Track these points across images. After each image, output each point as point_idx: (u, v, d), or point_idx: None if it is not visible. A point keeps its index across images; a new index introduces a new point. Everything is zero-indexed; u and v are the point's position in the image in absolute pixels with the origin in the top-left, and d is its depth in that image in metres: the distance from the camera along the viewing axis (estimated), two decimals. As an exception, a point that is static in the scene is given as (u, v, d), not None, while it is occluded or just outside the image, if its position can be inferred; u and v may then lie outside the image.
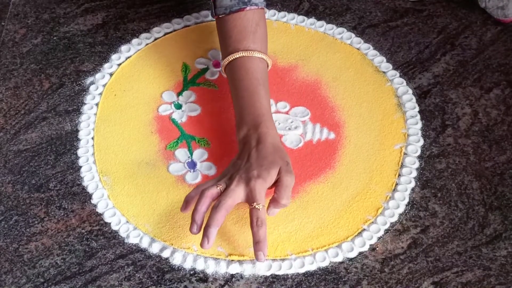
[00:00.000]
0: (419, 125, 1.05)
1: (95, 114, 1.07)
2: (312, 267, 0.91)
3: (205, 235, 0.88)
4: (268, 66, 1.03)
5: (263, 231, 0.88)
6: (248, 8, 1.02)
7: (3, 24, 1.21)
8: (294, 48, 1.16)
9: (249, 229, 0.94)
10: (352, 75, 1.12)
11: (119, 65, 1.14)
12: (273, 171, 0.90)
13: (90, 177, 1.00)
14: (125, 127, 1.06)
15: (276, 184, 0.91)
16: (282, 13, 1.21)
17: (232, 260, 0.91)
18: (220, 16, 1.03)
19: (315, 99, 1.09)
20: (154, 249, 0.92)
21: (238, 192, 0.90)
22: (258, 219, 0.88)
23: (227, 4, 1.02)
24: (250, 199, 0.89)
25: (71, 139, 1.04)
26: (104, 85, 1.11)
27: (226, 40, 1.02)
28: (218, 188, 0.91)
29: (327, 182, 0.99)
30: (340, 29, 1.19)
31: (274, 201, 0.91)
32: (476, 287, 0.88)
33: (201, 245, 0.89)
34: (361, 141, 1.04)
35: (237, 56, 1.00)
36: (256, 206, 0.88)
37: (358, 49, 1.16)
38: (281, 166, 0.91)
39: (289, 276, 0.90)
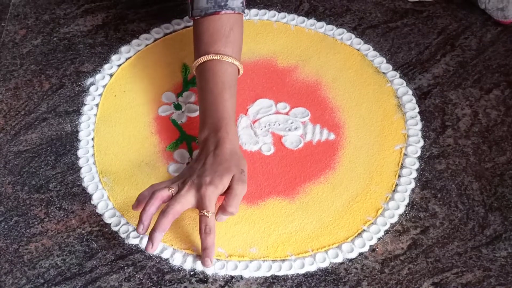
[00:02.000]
0: (419, 126, 1.06)
1: (95, 115, 1.08)
2: (312, 268, 0.91)
3: (150, 239, 0.89)
4: (239, 71, 1.02)
5: (211, 239, 0.89)
6: (223, 12, 1.02)
7: (3, 25, 1.21)
8: (294, 49, 1.16)
9: (250, 230, 0.94)
10: (352, 76, 1.12)
11: (119, 66, 1.14)
12: (226, 178, 0.90)
13: (90, 178, 1.00)
14: (125, 128, 1.06)
15: (227, 191, 0.91)
16: (282, 14, 1.21)
17: (232, 261, 0.91)
18: (195, 18, 1.03)
19: (315, 100, 1.09)
20: (154, 250, 0.92)
21: (188, 198, 0.90)
22: (207, 227, 0.89)
23: (203, 7, 1.02)
24: (200, 206, 0.89)
25: (71, 140, 1.04)
26: (104, 86, 1.11)
27: (199, 42, 1.02)
28: (170, 191, 0.91)
29: (327, 183, 0.99)
30: (340, 30, 1.19)
31: (221, 208, 0.91)
32: (476, 288, 0.89)
33: (146, 248, 0.89)
34: (361, 142, 1.04)
35: (207, 59, 1.00)
36: (205, 214, 0.89)
37: (358, 50, 1.16)
38: (235, 173, 0.91)
39: (289, 277, 0.90)
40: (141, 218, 0.90)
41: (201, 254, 0.90)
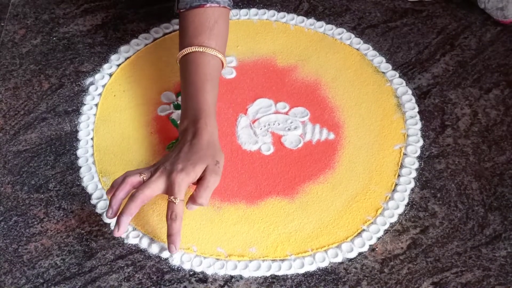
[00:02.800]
0: (419, 125, 1.06)
1: (95, 114, 1.07)
2: (312, 268, 0.91)
3: (117, 222, 0.90)
4: (223, 64, 1.03)
5: (176, 225, 0.89)
6: (208, 5, 1.03)
7: (2, 24, 1.21)
8: (294, 49, 1.16)
9: (249, 230, 0.94)
10: (352, 76, 1.12)
11: (118, 65, 1.14)
12: (199, 167, 0.91)
13: (89, 177, 1.00)
14: (124, 127, 1.06)
15: (199, 181, 0.91)
16: (282, 14, 1.21)
17: (232, 261, 0.91)
18: (181, 10, 1.04)
19: (314, 99, 1.09)
20: (154, 249, 0.92)
21: (158, 184, 0.90)
22: (173, 213, 0.89)
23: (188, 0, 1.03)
24: (169, 192, 0.90)
25: (71, 139, 1.04)
26: (103, 86, 1.11)
27: (183, 35, 1.04)
28: (142, 177, 0.91)
29: (327, 183, 0.99)
30: (340, 30, 1.19)
31: (192, 198, 0.91)
32: (475, 288, 0.89)
33: (112, 232, 0.90)
34: (360, 142, 1.04)
35: (190, 50, 1.01)
36: (173, 200, 0.89)
37: (357, 49, 1.16)
38: (209, 164, 0.91)
39: (289, 276, 0.90)
40: (110, 203, 0.91)
41: (167, 240, 0.90)
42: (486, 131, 1.05)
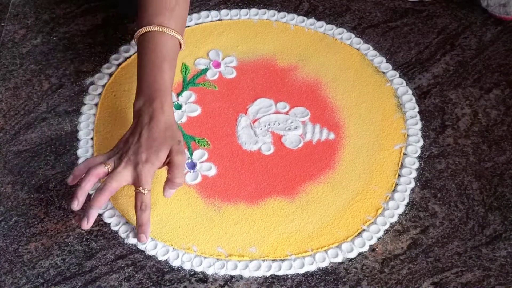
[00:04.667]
0: (419, 125, 1.06)
1: (95, 114, 1.07)
2: (312, 268, 0.91)
3: (85, 215, 0.91)
4: (181, 46, 1.03)
5: (146, 215, 0.91)
6: None
7: (2, 24, 1.20)
8: (294, 49, 1.16)
9: (249, 230, 0.94)
10: (352, 76, 1.12)
11: (118, 65, 1.14)
12: (162, 153, 0.92)
13: (89, 177, 1.00)
14: (124, 127, 1.05)
15: (168, 165, 0.92)
16: (282, 14, 1.21)
17: (232, 261, 0.91)
18: None
19: (315, 99, 1.09)
20: (154, 249, 0.92)
21: (124, 175, 0.91)
22: (142, 204, 0.90)
23: None
24: (136, 183, 0.91)
25: (71, 139, 1.04)
26: (103, 86, 1.11)
27: (143, 12, 1.03)
28: (106, 167, 0.92)
29: (327, 183, 0.99)
30: (340, 30, 1.19)
31: (168, 182, 0.92)
32: (476, 288, 0.89)
33: (81, 225, 0.91)
34: (360, 142, 1.04)
35: (150, 29, 1.01)
36: (142, 191, 0.90)
37: (358, 49, 1.16)
38: (172, 146, 0.92)
39: (289, 276, 0.90)
40: (76, 194, 0.91)
41: (137, 230, 0.91)
42: (486, 131, 1.05)
